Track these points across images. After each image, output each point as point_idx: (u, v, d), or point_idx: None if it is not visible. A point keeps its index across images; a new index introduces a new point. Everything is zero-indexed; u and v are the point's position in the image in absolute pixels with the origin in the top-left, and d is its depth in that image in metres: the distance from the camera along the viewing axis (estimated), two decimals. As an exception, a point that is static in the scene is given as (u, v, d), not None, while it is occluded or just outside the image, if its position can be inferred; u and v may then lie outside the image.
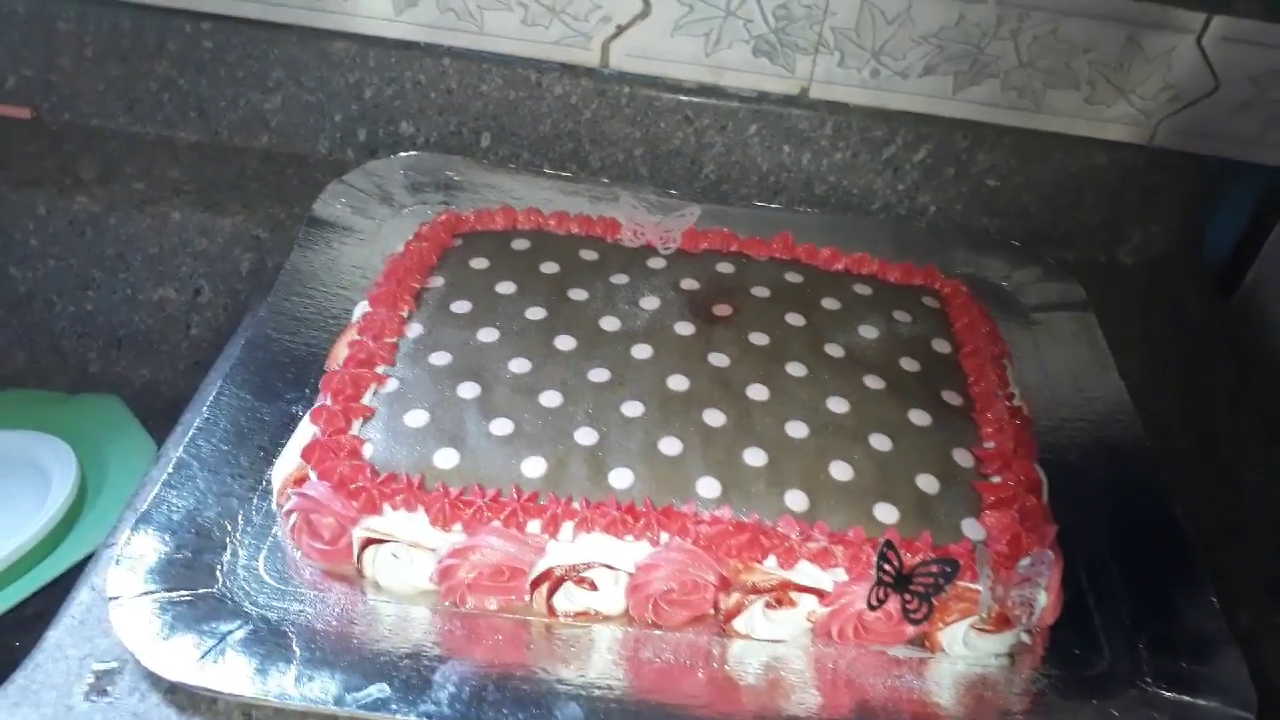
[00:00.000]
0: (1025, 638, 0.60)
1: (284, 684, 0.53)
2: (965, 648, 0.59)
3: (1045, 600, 0.59)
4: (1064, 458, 0.72)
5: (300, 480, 0.60)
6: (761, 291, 0.75)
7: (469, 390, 0.64)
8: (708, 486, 0.60)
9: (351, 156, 0.93)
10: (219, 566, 0.59)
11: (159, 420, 0.86)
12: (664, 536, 0.58)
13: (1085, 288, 0.86)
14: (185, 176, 0.88)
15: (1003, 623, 0.58)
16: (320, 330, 0.74)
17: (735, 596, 0.58)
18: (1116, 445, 0.73)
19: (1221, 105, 0.87)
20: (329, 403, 0.62)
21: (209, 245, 0.86)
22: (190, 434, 0.65)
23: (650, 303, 0.72)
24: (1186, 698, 0.57)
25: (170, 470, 0.62)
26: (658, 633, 0.59)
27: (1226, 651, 0.59)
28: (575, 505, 0.58)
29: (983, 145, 0.90)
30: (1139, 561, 0.65)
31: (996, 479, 0.63)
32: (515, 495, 0.58)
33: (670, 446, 0.62)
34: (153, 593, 0.56)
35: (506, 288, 0.72)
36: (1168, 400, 0.80)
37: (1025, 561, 0.58)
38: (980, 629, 0.59)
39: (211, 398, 0.67)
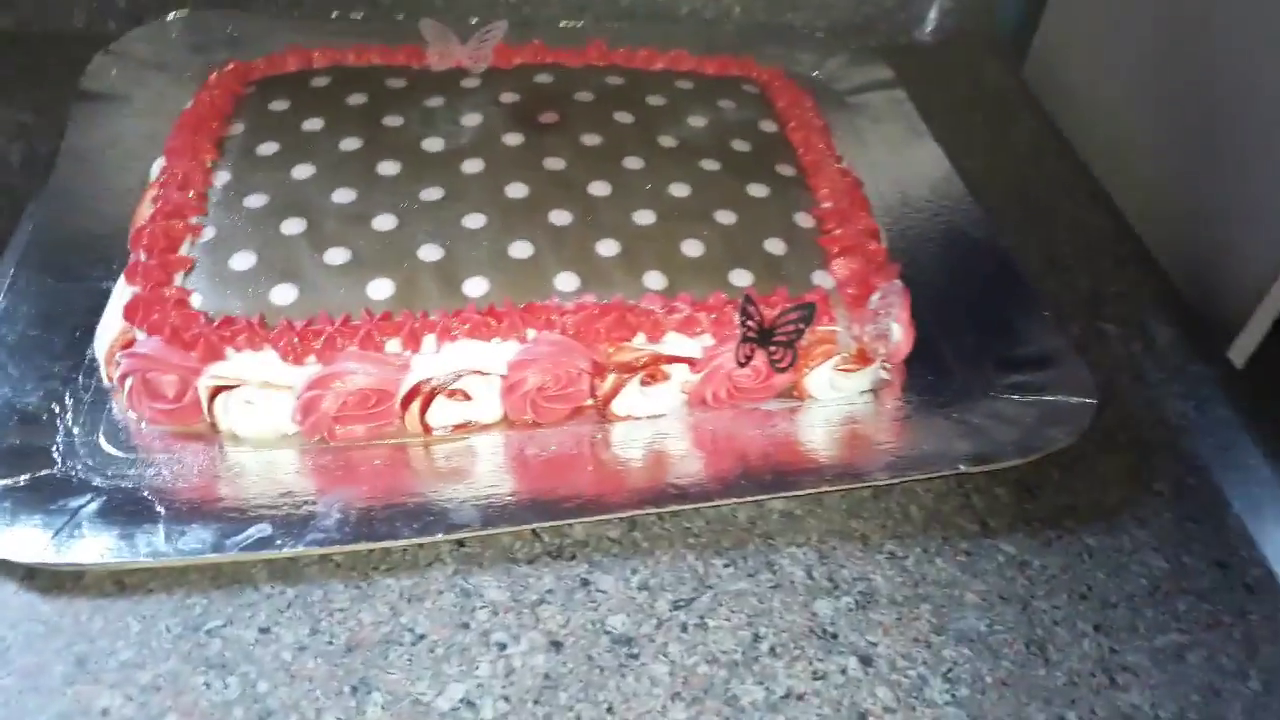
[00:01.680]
0: (885, 373, 0.63)
1: (154, 543, 0.49)
2: (832, 389, 0.61)
3: (899, 331, 0.61)
4: (895, 216, 0.75)
5: (129, 344, 0.55)
6: (585, 96, 0.73)
7: (295, 226, 0.60)
8: (566, 281, 0.59)
9: (114, 27, 0.84)
10: (54, 448, 0.54)
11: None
12: (530, 333, 0.57)
13: (891, 69, 0.89)
14: (-80, 69, 0.78)
15: (863, 359, 0.61)
16: (116, 204, 0.68)
17: (610, 379, 0.58)
18: (940, 199, 0.76)
19: None
20: (143, 258, 0.57)
21: (-34, 140, 0.76)
22: (-9, 324, 0.59)
23: (472, 119, 0.69)
24: (1036, 397, 0.62)
25: (-25, 364, 0.56)
26: (539, 432, 0.58)
27: (1065, 356, 0.64)
28: (433, 317, 0.56)
29: (777, -63, 0.90)
30: (978, 295, 0.69)
31: (838, 232, 0.65)
32: (367, 317, 0.56)
33: (521, 250, 0.61)
34: (-17, 483, 0.51)
35: (314, 124, 0.68)
36: (978, 158, 0.83)
37: (876, 296, 0.60)
38: (843, 369, 0.61)
39: (7, 286, 0.61)
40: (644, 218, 0.64)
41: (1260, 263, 0.70)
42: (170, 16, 0.82)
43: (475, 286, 0.58)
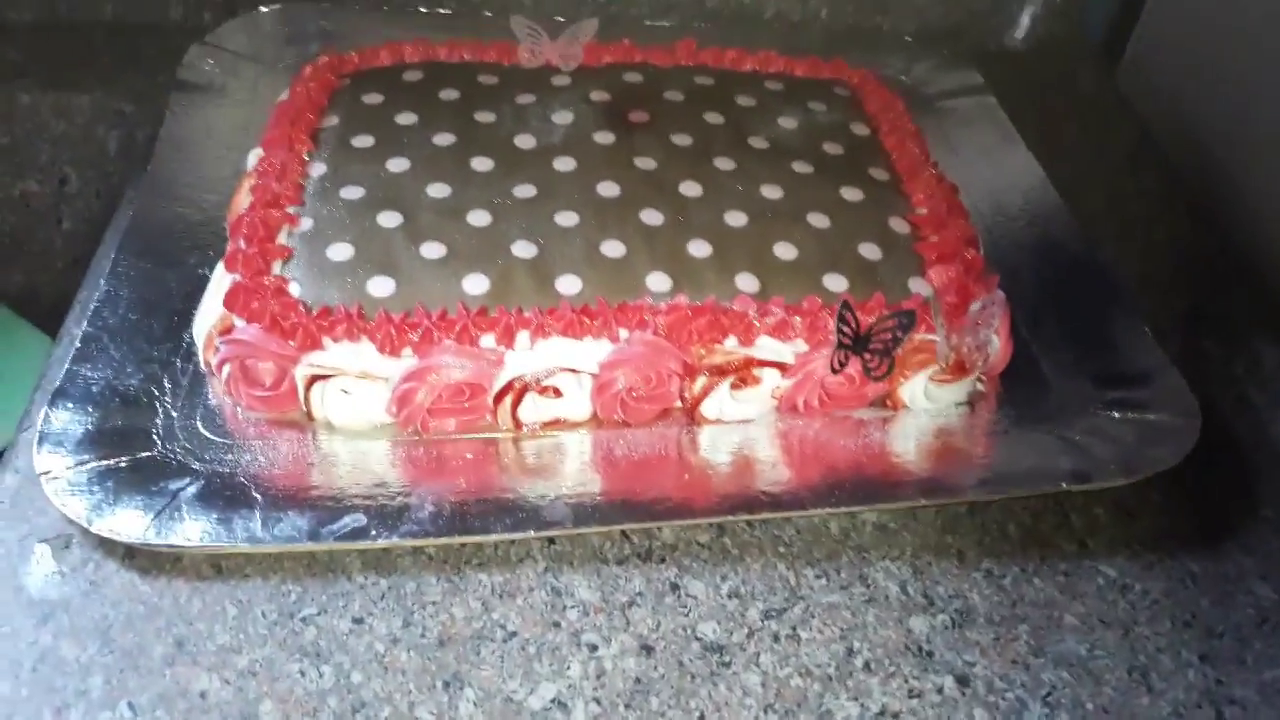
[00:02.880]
0: (981, 385, 0.62)
1: (251, 529, 0.50)
2: (926, 400, 0.60)
3: (998, 342, 0.60)
4: (987, 224, 0.73)
5: (227, 330, 0.55)
6: (675, 96, 0.72)
7: (391, 219, 0.60)
8: (658, 281, 0.59)
9: (209, 20, 0.85)
10: (153, 430, 0.54)
11: (44, 327, 0.79)
12: (622, 333, 0.56)
13: (981, 74, 0.87)
14: (27, 58, 0.80)
15: (959, 370, 0.59)
16: (212, 192, 0.68)
17: (701, 381, 0.57)
18: (1035, 208, 0.75)
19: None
20: (242, 246, 0.58)
21: (68, 128, 0.78)
22: (92, 308, 0.60)
23: (563, 117, 0.69)
24: (1136, 415, 0.60)
25: (78, 345, 0.57)
26: (628, 432, 0.58)
27: (1166, 374, 0.62)
28: (527, 314, 0.56)
29: (869, -61, 0.88)
30: (1074, 309, 0.67)
31: (935, 238, 0.63)
32: (463, 312, 0.56)
33: (613, 249, 0.60)
34: (86, 463, 0.52)
35: (407, 118, 0.68)
36: (1072, 167, 0.81)
37: (976, 306, 0.58)
38: (939, 379, 0.59)
39: (108, 270, 0.62)
40: (735, 219, 0.63)
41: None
42: (264, 9, 0.83)
43: (568, 284, 0.58)
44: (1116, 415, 0.60)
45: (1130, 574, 0.55)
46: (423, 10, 0.86)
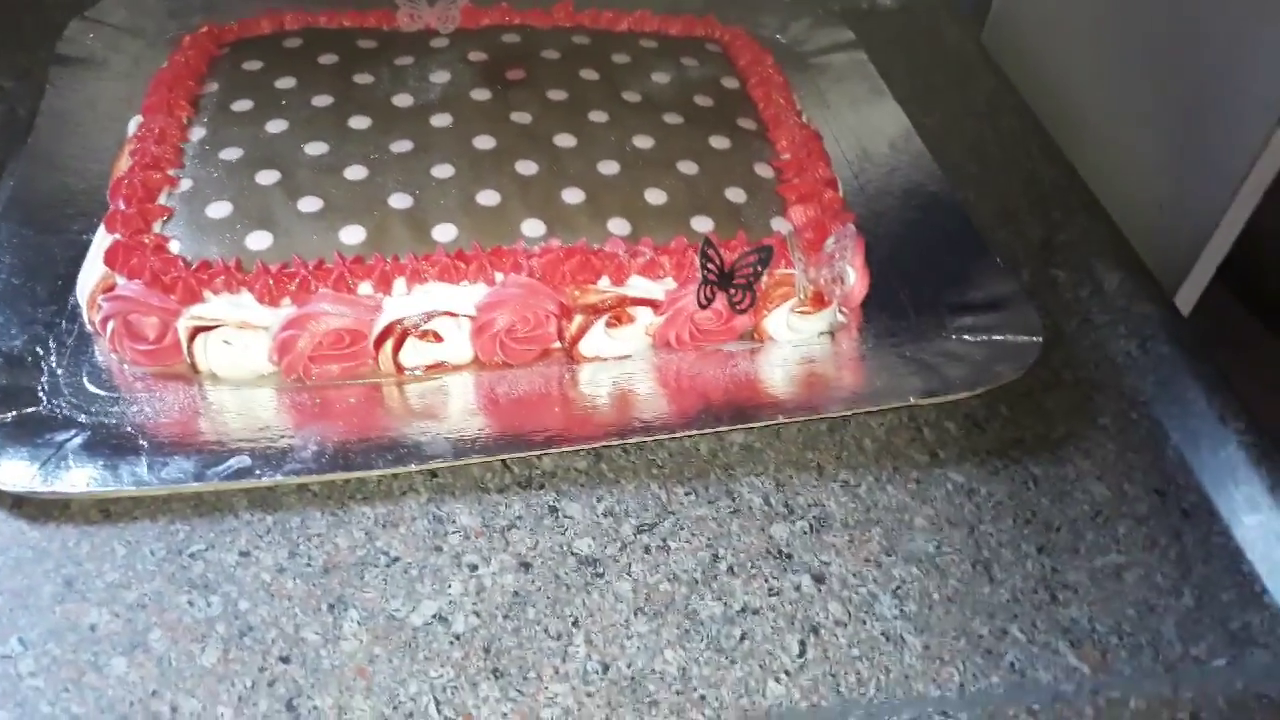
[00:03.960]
0: (841, 316, 0.66)
1: (138, 473, 0.51)
2: (790, 331, 0.64)
3: (853, 275, 0.64)
4: (855, 171, 0.77)
5: (109, 289, 0.57)
6: (552, 54, 0.75)
7: (269, 177, 0.62)
8: (532, 227, 0.61)
9: (89, -7, 0.85)
10: (39, 387, 0.56)
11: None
12: (498, 276, 0.59)
13: (853, 32, 0.91)
14: (-103, 35, 0.79)
15: (819, 301, 0.63)
16: (95, 163, 0.70)
17: (577, 321, 0.60)
18: (900, 155, 0.79)
19: None
20: (122, 207, 0.59)
21: (-55, 104, 0.78)
22: (-26, 275, 0.60)
23: (441, 76, 0.71)
24: (985, 337, 0.64)
25: (-40, 310, 0.58)
26: (509, 373, 0.61)
27: (1015, 300, 0.67)
28: (404, 261, 0.58)
29: (742, -98, 0.92)
30: (934, 246, 0.72)
31: (796, 181, 0.67)
32: (340, 260, 0.58)
33: (488, 198, 0.63)
34: (-31, 420, 0.53)
35: (286, 82, 0.70)
36: (937, 117, 0.86)
37: (831, 241, 0.62)
38: (801, 311, 0.63)
39: (-10, 238, 0.63)
40: (608, 168, 0.66)
41: (1204, 212, 0.72)
42: (145, -18, 0.83)
43: (444, 232, 0.60)
44: (968, 338, 0.65)
45: (977, 479, 0.59)
46: (306, -19, 0.87)
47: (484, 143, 0.66)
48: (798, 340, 0.64)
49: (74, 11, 0.81)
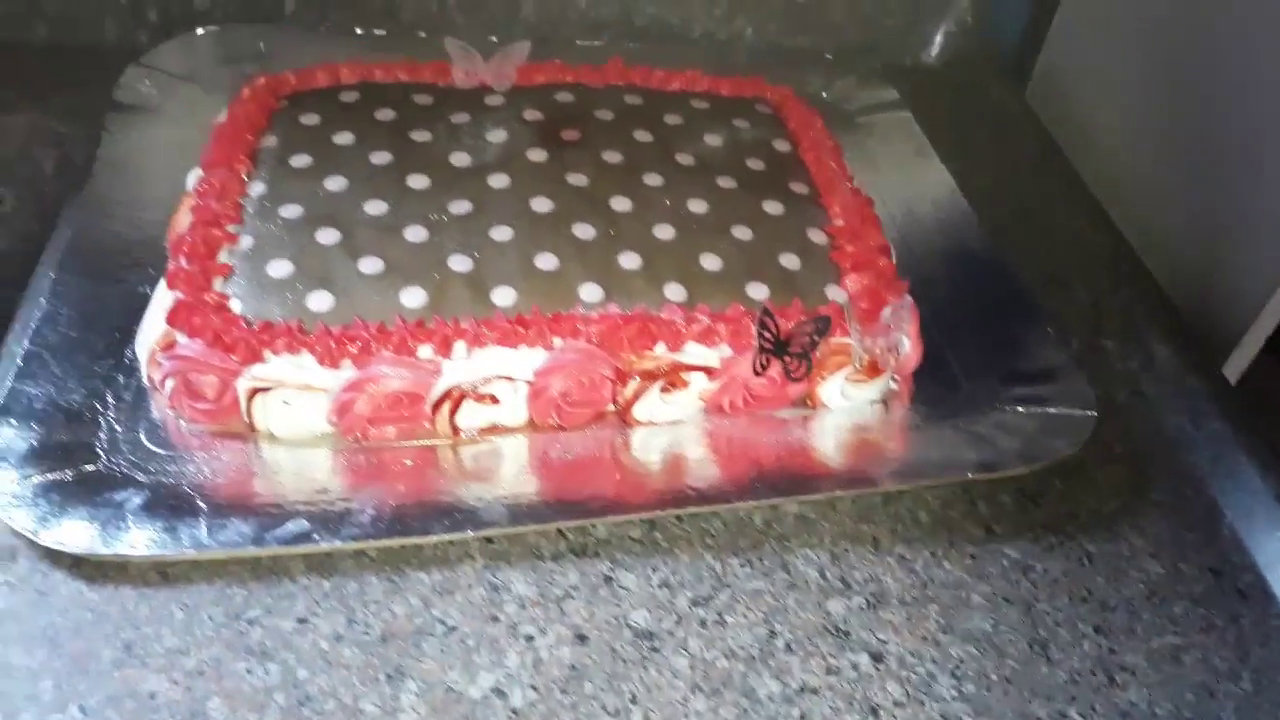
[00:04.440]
0: (894, 384, 0.66)
1: (196, 536, 0.51)
2: (844, 398, 0.64)
3: (908, 344, 0.64)
4: (903, 234, 0.77)
5: (169, 346, 0.57)
6: (605, 115, 0.76)
7: (329, 236, 0.62)
8: (590, 292, 0.62)
9: (145, 40, 0.86)
10: (98, 444, 0.56)
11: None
12: (556, 341, 0.59)
13: (897, 90, 0.92)
14: (-43, 79, 0.80)
15: (874, 370, 0.63)
16: (150, 211, 0.70)
17: (632, 386, 0.60)
18: (946, 217, 0.79)
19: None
20: (183, 264, 0.59)
21: (3, 148, 0.78)
22: (34, 326, 0.61)
23: (497, 135, 0.72)
24: (1039, 409, 0.64)
25: (20, 363, 0.59)
26: (563, 435, 0.61)
27: (1067, 371, 0.66)
28: (464, 325, 0.58)
29: (789, -38, 0.93)
30: (983, 312, 0.72)
31: (850, 248, 0.67)
32: (401, 324, 0.58)
33: (547, 262, 0.63)
34: (31, 477, 0.53)
35: (345, 138, 0.70)
36: (983, 177, 0.86)
37: (887, 311, 0.62)
38: (855, 379, 0.63)
39: (48, 289, 0.63)
40: (664, 232, 0.66)
41: (1255, 280, 0.72)
42: (200, 30, 0.84)
43: (504, 296, 0.61)
44: (1020, 410, 0.64)
45: (1032, 555, 0.59)
46: (358, 31, 0.88)
47: (541, 205, 0.67)
48: (850, 408, 0.64)
49: (129, 57, 0.81)
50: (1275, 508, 0.63)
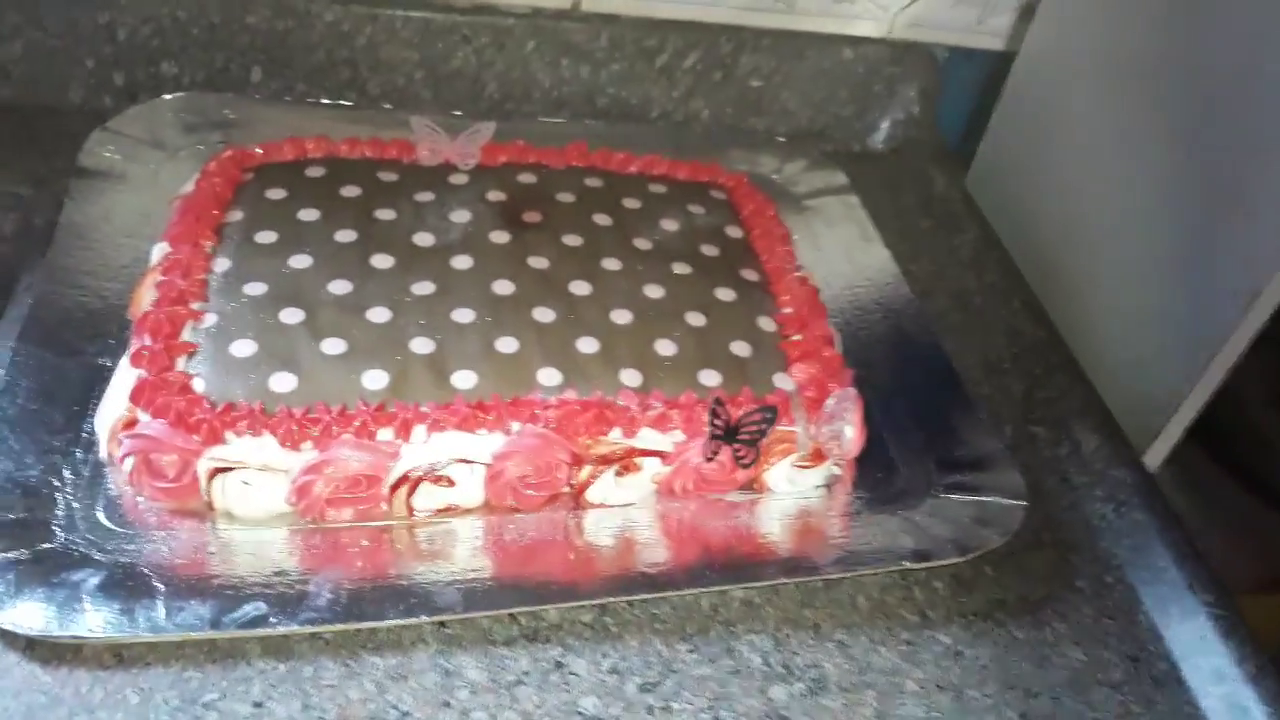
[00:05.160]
0: (837, 469, 0.68)
1: (153, 619, 0.52)
2: (789, 484, 0.66)
3: (851, 433, 0.67)
4: (846, 318, 0.81)
5: (130, 424, 0.58)
6: (567, 197, 0.78)
7: (293, 315, 0.64)
8: (549, 376, 0.64)
9: (110, 104, 0.87)
10: (54, 521, 0.56)
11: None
12: (515, 425, 0.61)
13: (845, 174, 0.96)
14: (-83, 137, 0.80)
15: (818, 457, 0.66)
16: (112, 280, 0.71)
17: (587, 470, 0.62)
18: (888, 303, 0.83)
19: (943, -2, 0.98)
20: (148, 342, 0.60)
21: (-40, 208, 0.79)
22: (-9, 398, 0.61)
23: (461, 215, 0.74)
24: (973, 497, 0.67)
25: (-24, 437, 0.59)
26: (517, 517, 0.62)
27: (1000, 460, 0.70)
28: (424, 409, 0.60)
29: (745, 49, 0.96)
30: (920, 398, 0.75)
31: (797, 337, 0.70)
32: (363, 407, 0.59)
33: (507, 345, 0.65)
34: (-14, 556, 0.53)
35: (310, 214, 0.72)
36: (924, 264, 0.91)
37: (831, 401, 0.65)
38: (800, 465, 0.66)
39: (8, 361, 0.63)
40: (621, 317, 0.69)
41: (1176, 373, 0.77)
42: (166, 96, 0.85)
43: (464, 379, 0.62)
44: (955, 497, 0.68)
45: (963, 641, 0.62)
46: (325, 102, 0.90)
47: (503, 288, 0.69)
48: (795, 492, 0.67)
49: (94, 121, 0.82)
50: (1189, 597, 0.66)
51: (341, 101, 0.90)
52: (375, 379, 0.61)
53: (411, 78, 0.92)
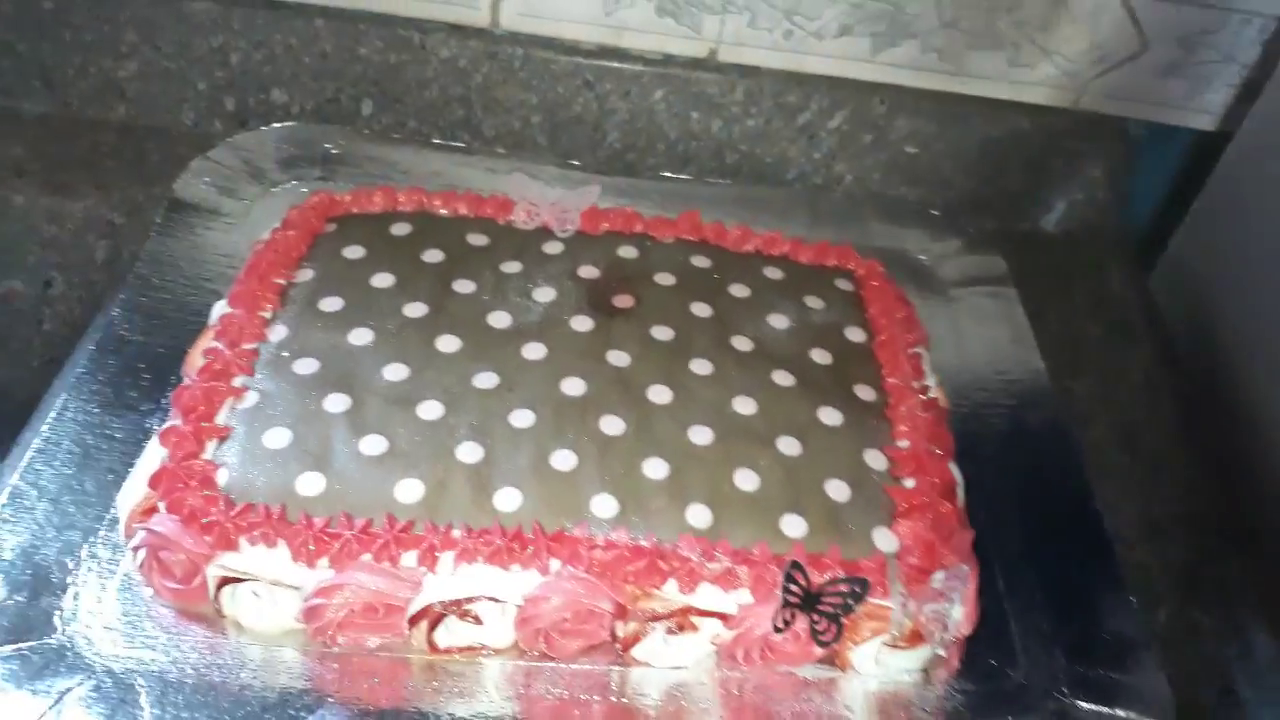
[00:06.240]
0: (940, 651, 0.57)
1: (137, 745, 0.47)
2: (877, 666, 0.56)
3: (959, 615, 0.56)
4: (981, 447, 0.68)
5: (149, 511, 0.53)
6: (666, 279, 0.70)
7: (337, 403, 0.58)
8: (603, 505, 0.56)
9: (219, 128, 0.85)
10: (58, 612, 0.53)
11: (13, 426, 0.78)
12: (554, 564, 0.53)
13: (1006, 258, 0.82)
14: (30, 154, 0.80)
15: (916, 639, 0.55)
16: (180, 329, 0.67)
17: (634, 624, 0.54)
18: (1035, 432, 0.70)
19: (1148, 67, 0.83)
20: (179, 423, 0.56)
21: (59, 232, 0.78)
22: (28, 457, 0.58)
23: (545, 294, 0.67)
24: (1104, 709, 0.55)
25: (4, 502, 0.56)
26: (550, 664, 0.55)
27: (1144, 657, 0.57)
28: (455, 534, 0.53)
29: (901, 110, 0.85)
30: (1057, 562, 0.63)
31: (910, 482, 0.60)
32: (388, 526, 0.53)
33: (563, 461, 0.57)
34: (-19, 646, 0.50)
35: (384, 280, 0.66)
36: (1087, 382, 0.77)
37: (939, 576, 0.54)
38: (892, 646, 0.55)
39: (54, 413, 0.61)
40: (700, 435, 0.60)
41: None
42: (275, 125, 0.82)
43: (507, 499, 0.55)
44: (1083, 704, 0.56)
45: None
46: (435, 141, 0.84)
47: (573, 387, 0.61)
48: (884, 675, 0.56)
49: (203, 143, 0.79)
50: None
51: (453, 143, 0.84)
52: (409, 490, 0.55)
53: (528, 121, 0.85)
